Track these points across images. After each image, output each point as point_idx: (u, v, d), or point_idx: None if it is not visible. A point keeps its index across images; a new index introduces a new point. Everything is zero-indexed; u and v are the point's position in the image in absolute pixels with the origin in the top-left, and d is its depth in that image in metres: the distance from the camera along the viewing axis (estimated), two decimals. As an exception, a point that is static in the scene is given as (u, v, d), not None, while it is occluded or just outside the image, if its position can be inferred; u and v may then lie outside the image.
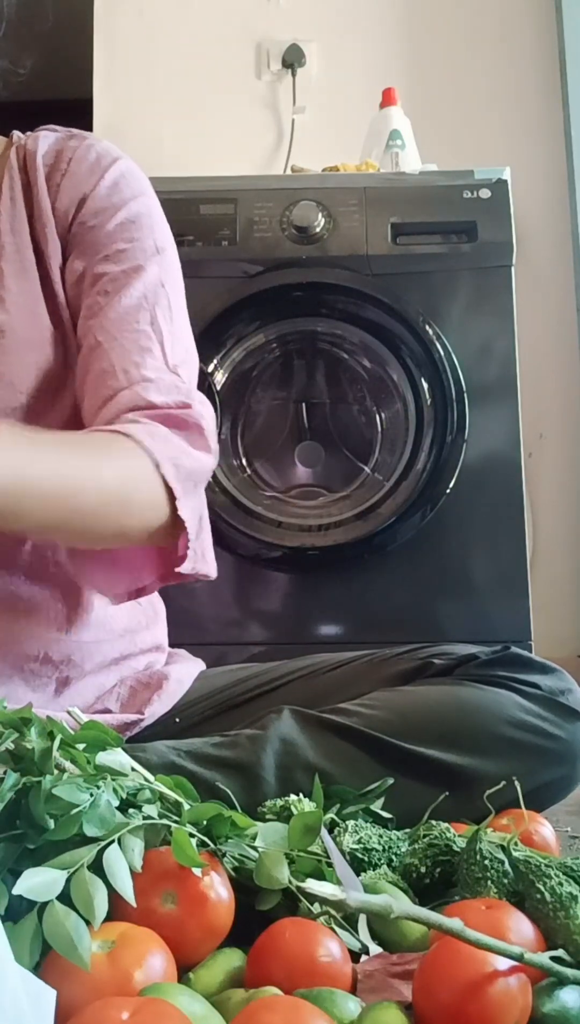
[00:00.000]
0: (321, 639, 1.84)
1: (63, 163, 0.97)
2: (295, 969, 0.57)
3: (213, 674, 1.09)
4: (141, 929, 0.57)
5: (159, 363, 0.91)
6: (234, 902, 0.63)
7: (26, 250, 0.95)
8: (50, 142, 0.99)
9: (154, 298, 0.94)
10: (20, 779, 0.61)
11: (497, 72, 2.61)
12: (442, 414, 1.83)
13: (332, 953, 0.58)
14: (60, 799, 0.59)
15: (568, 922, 0.62)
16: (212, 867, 0.62)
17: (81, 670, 0.95)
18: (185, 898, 0.61)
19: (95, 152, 0.98)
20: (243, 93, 2.65)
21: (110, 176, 0.97)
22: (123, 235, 0.95)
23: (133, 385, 0.88)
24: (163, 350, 0.92)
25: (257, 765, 0.86)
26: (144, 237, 0.96)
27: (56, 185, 0.96)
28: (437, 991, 0.54)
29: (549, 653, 1.32)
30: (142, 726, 0.95)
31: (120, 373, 0.89)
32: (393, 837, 0.77)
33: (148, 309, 0.93)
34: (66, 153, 0.98)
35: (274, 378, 1.97)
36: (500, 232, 1.89)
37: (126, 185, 0.98)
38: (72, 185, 0.96)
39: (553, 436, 2.47)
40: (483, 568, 1.85)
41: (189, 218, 1.88)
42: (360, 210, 1.90)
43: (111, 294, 0.92)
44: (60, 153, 0.98)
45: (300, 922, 0.61)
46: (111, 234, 0.95)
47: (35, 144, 0.99)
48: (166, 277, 0.96)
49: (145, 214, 0.98)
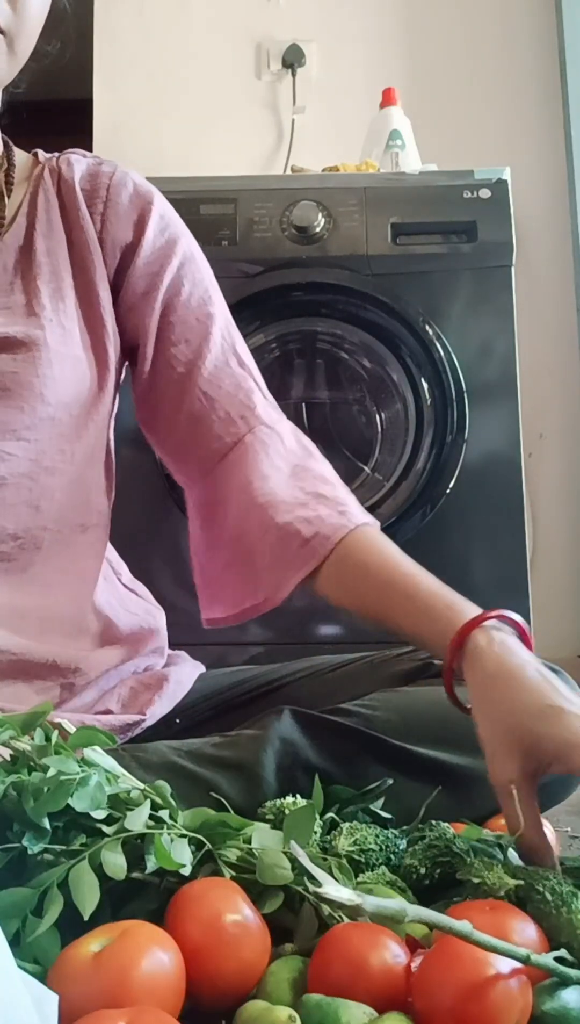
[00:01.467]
0: (321, 639, 1.84)
1: (101, 190, 1.00)
2: (360, 974, 0.57)
3: (213, 675, 1.09)
4: (146, 925, 0.57)
5: (261, 397, 1.01)
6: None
7: (63, 272, 0.97)
8: (84, 168, 1.01)
9: (230, 338, 1.03)
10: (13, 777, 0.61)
11: (497, 72, 2.61)
12: (442, 414, 1.83)
13: (397, 957, 0.58)
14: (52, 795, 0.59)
15: (571, 917, 0.63)
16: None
17: (87, 677, 0.96)
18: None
19: (131, 182, 1.02)
20: (243, 93, 2.65)
21: (154, 218, 1.01)
22: (185, 278, 1.02)
23: (255, 429, 0.98)
24: (256, 381, 1.02)
25: (257, 765, 0.86)
26: (201, 276, 1.03)
27: (99, 215, 0.99)
28: (437, 992, 0.54)
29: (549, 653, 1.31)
30: (144, 727, 0.96)
31: (239, 421, 0.98)
32: (390, 836, 0.77)
33: (231, 351, 1.02)
34: (102, 180, 1.00)
35: (274, 378, 1.97)
36: (500, 232, 1.89)
37: (171, 222, 1.04)
38: (117, 217, 0.99)
39: (553, 436, 2.47)
40: (483, 568, 1.85)
41: (189, 218, 1.85)
42: (360, 210, 1.90)
43: (193, 343, 1.00)
44: (95, 179, 1.00)
45: (363, 927, 0.60)
46: (175, 281, 1.01)
47: (70, 169, 1.01)
48: (225, 308, 1.04)
49: (192, 249, 1.05)
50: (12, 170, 1.00)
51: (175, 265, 1.01)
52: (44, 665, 0.93)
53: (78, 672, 0.95)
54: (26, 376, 0.91)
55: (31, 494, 0.93)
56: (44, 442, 0.92)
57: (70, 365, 0.94)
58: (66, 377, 0.93)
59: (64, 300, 0.96)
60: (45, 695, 0.92)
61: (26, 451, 0.91)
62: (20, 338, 0.91)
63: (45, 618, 0.95)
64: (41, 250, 0.97)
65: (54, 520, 0.95)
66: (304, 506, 0.93)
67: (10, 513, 0.92)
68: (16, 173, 1.00)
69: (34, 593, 0.94)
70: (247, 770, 0.86)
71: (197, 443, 0.99)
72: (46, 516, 0.94)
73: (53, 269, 0.97)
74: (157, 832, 0.62)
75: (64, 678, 0.94)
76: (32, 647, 0.92)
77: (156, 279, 1.00)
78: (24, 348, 0.91)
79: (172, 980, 0.55)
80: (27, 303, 0.94)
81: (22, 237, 0.97)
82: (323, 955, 0.59)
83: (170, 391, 1.00)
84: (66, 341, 0.94)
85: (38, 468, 0.92)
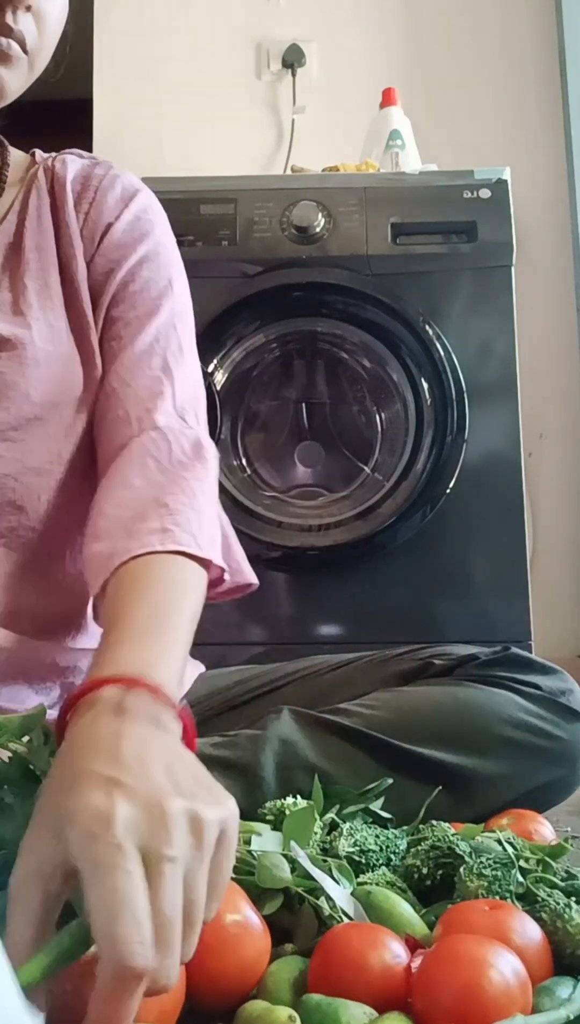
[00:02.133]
0: (321, 639, 1.84)
1: (90, 191, 0.99)
2: (361, 974, 0.56)
3: (213, 675, 1.09)
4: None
5: (169, 407, 0.93)
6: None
7: (51, 268, 0.97)
8: (78, 168, 1.01)
9: (166, 341, 0.96)
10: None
11: (497, 72, 2.61)
12: (442, 414, 1.83)
13: (397, 957, 0.58)
14: None
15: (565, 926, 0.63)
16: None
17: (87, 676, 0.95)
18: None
19: (120, 184, 1.01)
20: (243, 93, 2.65)
21: (131, 210, 0.99)
22: (140, 273, 0.98)
23: (143, 433, 0.90)
24: (174, 390, 0.94)
25: (257, 765, 0.86)
26: (159, 276, 0.99)
27: (84, 213, 0.98)
28: (437, 992, 0.54)
29: (549, 653, 1.32)
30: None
31: (134, 422, 0.91)
32: (391, 837, 0.77)
33: (160, 353, 0.95)
34: (93, 181, 1.00)
35: (274, 378, 1.97)
36: (500, 232, 1.89)
37: (146, 220, 1.01)
38: (98, 214, 0.98)
39: (553, 436, 2.47)
40: (483, 568, 1.85)
41: (189, 218, 1.88)
42: (360, 210, 1.90)
43: (124, 339, 0.95)
44: (87, 180, 1.00)
45: (363, 927, 0.60)
46: (129, 273, 0.97)
47: (64, 168, 1.01)
48: (177, 316, 0.99)
49: (162, 249, 1.01)
50: (6, 169, 1.00)
51: (137, 256, 0.98)
52: (44, 665, 0.93)
53: (77, 672, 0.95)
54: (11, 375, 0.90)
55: (15, 494, 0.91)
56: (31, 442, 0.91)
57: (58, 364, 0.93)
58: (53, 376, 0.92)
59: (51, 297, 0.95)
60: (45, 695, 0.92)
61: (11, 451, 0.90)
62: (6, 336, 0.90)
63: (44, 618, 0.95)
64: (30, 247, 0.96)
65: (40, 521, 0.94)
66: (125, 528, 0.83)
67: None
68: (11, 173, 1.00)
69: (31, 593, 0.94)
70: (247, 770, 0.86)
71: (100, 441, 0.94)
72: (32, 517, 0.93)
73: (41, 266, 0.96)
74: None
75: (64, 678, 0.94)
76: (32, 647, 0.92)
77: (115, 264, 0.97)
78: (10, 346, 0.90)
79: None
80: (13, 301, 0.93)
81: (12, 234, 0.97)
82: (323, 955, 0.59)
83: (99, 390, 0.96)
84: (53, 340, 0.93)
85: (23, 468, 0.91)
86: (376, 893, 0.66)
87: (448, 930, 0.62)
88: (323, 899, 0.64)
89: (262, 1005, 0.56)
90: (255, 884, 0.65)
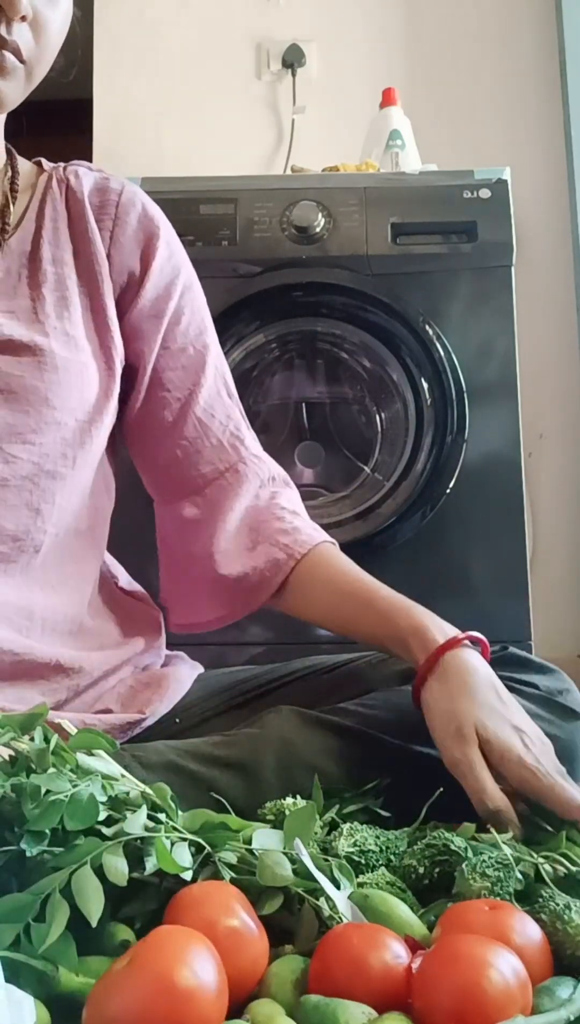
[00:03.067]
0: (321, 639, 1.84)
1: (110, 207, 1.02)
2: (361, 974, 0.56)
3: (213, 675, 1.09)
4: (181, 930, 0.56)
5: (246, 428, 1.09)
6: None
7: (69, 281, 0.99)
8: (91, 181, 1.03)
9: (222, 368, 1.10)
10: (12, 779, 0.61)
11: (497, 72, 2.61)
12: (442, 414, 1.83)
13: (397, 957, 0.58)
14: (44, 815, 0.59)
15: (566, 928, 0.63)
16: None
17: (90, 677, 0.96)
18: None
19: (140, 202, 1.04)
20: (243, 93, 2.65)
21: (163, 243, 1.04)
22: (184, 308, 1.06)
23: (246, 459, 1.06)
24: (241, 412, 1.09)
25: (257, 764, 0.86)
26: (199, 306, 1.08)
27: (108, 231, 1.01)
28: (437, 992, 0.54)
29: (549, 653, 1.32)
30: (144, 726, 0.96)
31: (230, 449, 1.06)
32: (391, 837, 0.77)
33: (222, 382, 1.08)
34: (110, 196, 1.02)
35: (274, 378, 1.97)
36: (500, 232, 1.89)
37: (175, 251, 1.06)
38: (125, 238, 1.02)
39: (553, 436, 2.47)
40: (483, 568, 1.85)
41: (189, 218, 1.88)
42: (360, 210, 1.90)
43: (190, 372, 1.05)
44: (104, 194, 1.02)
45: (363, 927, 0.60)
46: (176, 311, 1.05)
47: (78, 180, 1.03)
48: (215, 335, 1.10)
49: (193, 278, 1.09)
50: (17, 177, 1.01)
51: (177, 295, 1.05)
52: (48, 666, 0.93)
53: (81, 672, 0.95)
54: (31, 380, 0.92)
55: (32, 496, 0.93)
56: (48, 446, 0.93)
57: (76, 371, 0.95)
58: (72, 383, 0.94)
59: (69, 308, 0.97)
60: (49, 696, 0.92)
61: (30, 454, 0.92)
62: (24, 342, 0.92)
63: (48, 619, 0.95)
64: (47, 258, 0.98)
65: (53, 523, 0.95)
66: (281, 529, 1.04)
67: (10, 514, 0.92)
68: (20, 180, 1.01)
69: (36, 594, 0.95)
70: (247, 770, 0.86)
71: (187, 465, 1.05)
72: (46, 519, 0.94)
73: (59, 278, 0.98)
74: (157, 836, 0.62)
75: (68, 679, 0.95)
76: (36, 648, 0.92)
77: (159, 308, 1.03)
78: (28, 352, 0.92)
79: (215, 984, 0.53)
80: (32, 309, 0.95)
81: (28, 243, 0.98)
82: (323, 955, 0.59)
83: (163, 416, 1.04)
84: (69, 347, 0.95)
85: (40, 471, 0.93)
86: (373, 896, 0.66)
87: (448, 930, 0.61)
88: (323, 899, 0.64)
89: (263, 1012, 0.56)
90: (254, 883, 0.65)
